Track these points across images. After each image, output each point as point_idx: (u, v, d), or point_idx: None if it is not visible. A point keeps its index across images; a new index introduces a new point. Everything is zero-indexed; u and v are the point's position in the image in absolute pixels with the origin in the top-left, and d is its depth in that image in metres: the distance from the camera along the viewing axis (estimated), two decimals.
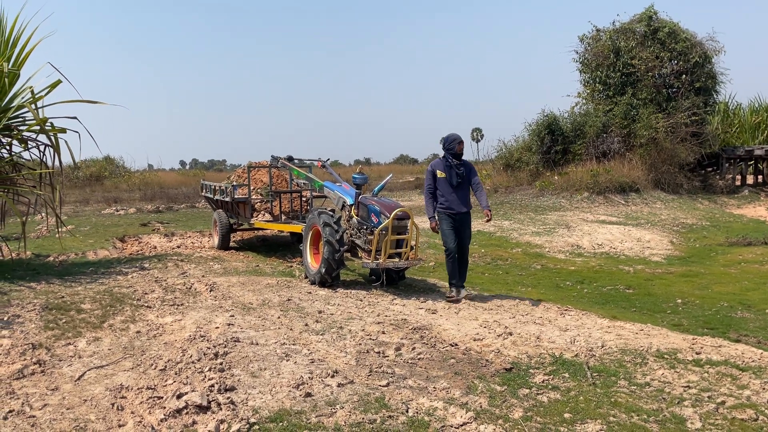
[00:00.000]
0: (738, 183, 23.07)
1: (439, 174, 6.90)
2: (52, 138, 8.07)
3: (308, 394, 3.79)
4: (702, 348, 4.90)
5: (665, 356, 4.69)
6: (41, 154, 8.40)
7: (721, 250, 11.27)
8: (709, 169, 23.11)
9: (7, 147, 8.52)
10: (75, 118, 8.32)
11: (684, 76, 21.08)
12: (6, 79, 7.96)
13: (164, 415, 3.46)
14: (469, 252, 7.17)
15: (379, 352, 4.70)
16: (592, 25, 23.07)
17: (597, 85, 22.31)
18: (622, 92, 21.34)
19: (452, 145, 6.96)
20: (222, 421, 3.38)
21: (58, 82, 8.21)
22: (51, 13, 8.88)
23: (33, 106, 7.90)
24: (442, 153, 7.08)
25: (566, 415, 3.59)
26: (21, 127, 8.40)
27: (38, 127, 8.05)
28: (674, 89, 21.45)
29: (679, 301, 7.13)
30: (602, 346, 4.94)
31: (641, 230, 13.07)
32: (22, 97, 8.22)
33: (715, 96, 22.43)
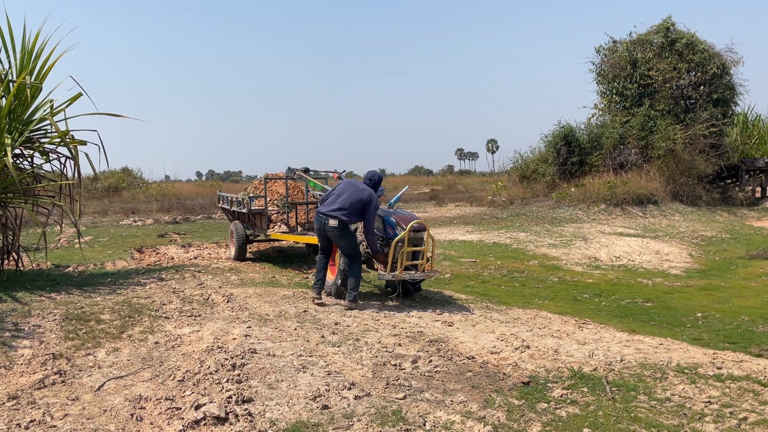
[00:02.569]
0: (758, 195, 22.78)
1: None
2: (73, 150, 8.18)
3: (325, 407, 3.79)
4: (723, 363, 4.84)
5: (686, 371, 4.64)
6: (62, 165, 8.52)
7: (742, 263, 11.12)
8: (729, 181, 22.86)
9: (29, 159, 8.66)
10: (95, 131, 8.45)
11: (702, 87, 20.93)
12: (28, 93, 8.10)
13: (183, 426, 3.47)
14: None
15: (395, 365, 4.69)
16: (608, 37, 23.04)
17: (614, 96, 22.22)
18: (639, 103, 21.24)
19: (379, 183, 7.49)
20: None
21: (79, 95, 8.34)
22: (74, 27, 9.05)
23: (54, 118, 8.03)
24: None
25: (585, 430, 3.56)
26: (43, 140, 8.54)
27: (59, 140, 8.18)
28: (692, 100, 21.30)
29: (699, 314, 7.04)
30: (621, 360, 4.89)
31: (660, 243, 12.94)
32: (44, 110, 8.35)
33: (733, 107, 22.22)
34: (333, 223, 6.86)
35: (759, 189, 23.24)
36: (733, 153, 21.41)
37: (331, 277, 7.56)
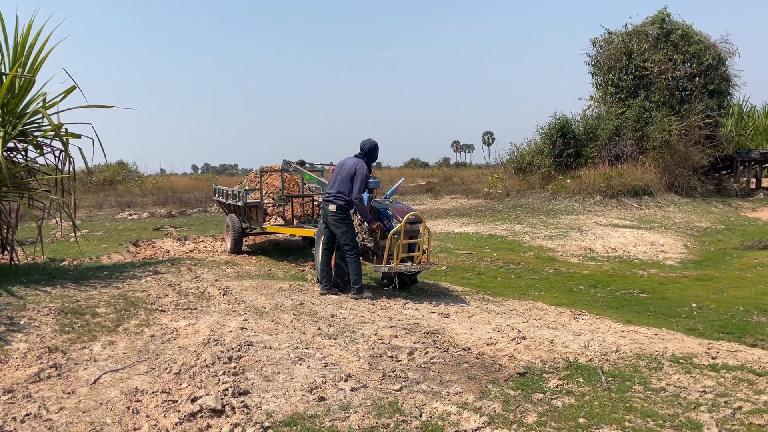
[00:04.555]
0: (753, 186, 22.86)
1: None
2: (66, 143, 8.14)
3: (322, 398, 3.80)
4: (718, 353, 4.86)
5: (681, 361, 4.66)
6: (56, 159, 8.48)
7: (736, 253, 11.16)
8: (723, 172, 22.92)
9: (23, 152, 8.61)
10: (89, 124, 8.42)
11: (697, 78, 20.95)
12: (21, 85, 8.05)
13: (179, 418, 3.47)
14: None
15: (392, 357, 4.70)
16: (603, 29, 23.02)
17: (609, 87, 22.22)
18: (634, 95, 21.25)
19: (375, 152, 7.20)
20: (236, 425, 3.39)
21: (73, 88, 8.29)
22: (63, 19, 8.97)
23: (47, 111, 7.99)
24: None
25: (581, 420, 3.57)
26: (36, 133, 8.49)
27: (53, 133, 8.13)
28: (687, 92, 21.32)
29: (694, 305, 7.07)
30: (617, 351, 4.91)
31: (655, 234, 12.98)
32: (37, 103, 8.30)
33: (729, 98, 22.26)
34: (332, 208, 6.91)
35: (754, 180, 23.32)
36: (728, 144, 21.47)
37: None
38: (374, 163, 7.30)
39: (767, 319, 6.35)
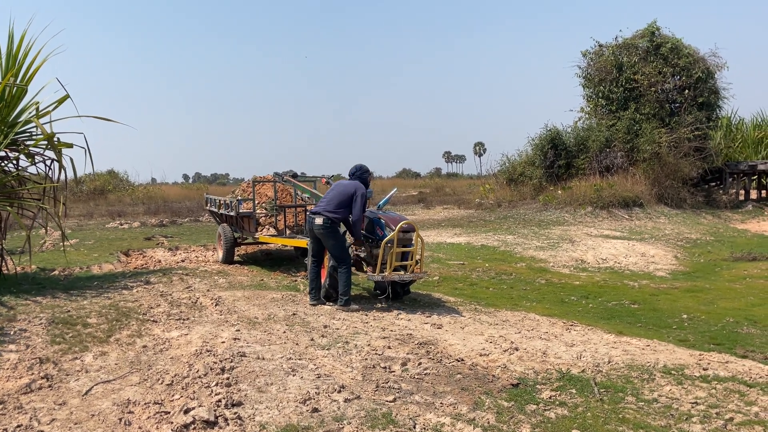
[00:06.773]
0: (741, 198, 23.07)
1: None
2: (58, 153, 8.12)
3: (315, 410, 3.79)
4: (709, 364, 4.89)
5: (672, 372, 4.68)
6: (47, 168, 8.45)
7: (726, 265, 11.24)
8: (713, 183, 23.13)
9: (14, 161, 8.57)
10: (81, 133, 8.40)
11: (687, 91, 21.16)
12: (13, 94, 8.03)
13: (172, 430, 3.46)
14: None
15: (385, 368, 4.69)
16: (594, 41, 23.24)
17: (600, 100, 22.42)
18: (625, 107, 21.45)
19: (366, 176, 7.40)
20: None
21: (65, 97, 8.27)
22: (60, 30, 8.95)
23: (39, 121, 7.97)
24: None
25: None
26: (28, 142, 8.46)
27: (45, 142, 8.10)
28: (677, 104, 21.53)
29: (685, 316, 7.11)
30: (609, 362, 4.93)
31: (645, 245, 13.05)
32: (30, 113, 8.28)
33: (717, 111, 22.51)
34: (318, 221, 6.98)
35: (742, 192, 23.54)
36: (717, 156, 21.70)
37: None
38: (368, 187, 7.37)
39: (757, 331, 6.40)
